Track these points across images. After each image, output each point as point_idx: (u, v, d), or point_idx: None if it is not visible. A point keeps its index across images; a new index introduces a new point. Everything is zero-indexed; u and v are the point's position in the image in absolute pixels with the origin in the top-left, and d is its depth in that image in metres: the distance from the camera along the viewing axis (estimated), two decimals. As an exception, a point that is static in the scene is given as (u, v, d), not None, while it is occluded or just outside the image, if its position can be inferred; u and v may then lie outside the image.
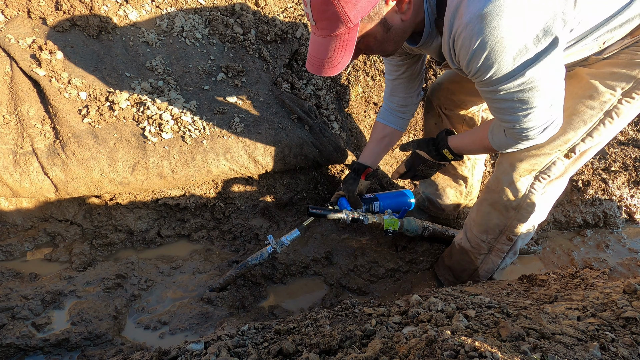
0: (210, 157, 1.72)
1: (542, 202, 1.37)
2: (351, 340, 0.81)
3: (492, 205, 1.42)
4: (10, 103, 1.58)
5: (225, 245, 1.81)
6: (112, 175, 1.60)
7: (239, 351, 0.82)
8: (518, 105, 1.05)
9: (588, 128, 1.21)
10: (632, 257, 1.81)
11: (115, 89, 1.70)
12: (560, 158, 1.27)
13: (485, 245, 1.48)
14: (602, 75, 1.17)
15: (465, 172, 1.84)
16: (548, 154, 1.27)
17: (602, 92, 1.17)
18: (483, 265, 1.51)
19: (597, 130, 1.21)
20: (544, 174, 1.31)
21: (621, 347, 0.74)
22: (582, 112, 1.20)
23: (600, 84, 1.17)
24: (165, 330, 1.41)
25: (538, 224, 1.45)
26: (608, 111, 1.18)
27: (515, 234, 1.42)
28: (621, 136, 2.29)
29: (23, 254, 1.63)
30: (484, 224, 1.46)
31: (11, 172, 1.51)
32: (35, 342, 1.26)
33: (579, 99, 1.21)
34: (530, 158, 1.30)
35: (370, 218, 1.63)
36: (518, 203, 1.36)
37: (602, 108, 1.18)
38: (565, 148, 1.25)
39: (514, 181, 1.34)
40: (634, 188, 2.04)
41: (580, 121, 1.21)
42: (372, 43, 1.11)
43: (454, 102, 1.66)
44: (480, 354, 0.66)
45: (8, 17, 1.68)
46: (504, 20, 0.89)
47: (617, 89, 1.15)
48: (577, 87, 1.22)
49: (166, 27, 1.90)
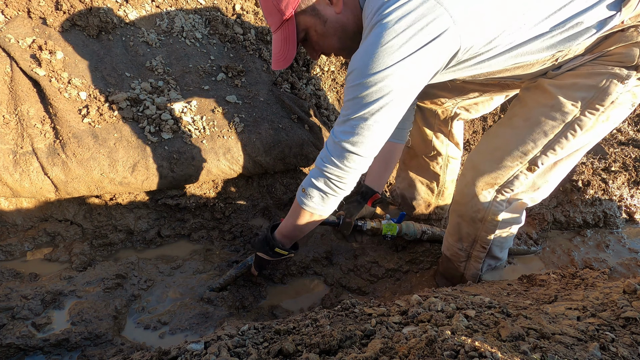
0: (210, 157, 1.72)
1: (509, 214, 1.36)
2: (351, 340, 0.81)
3: (461, 217, 1.42)
4: (10, 103, 1.58)
5: (225, 245, 1.81)
6: (112, 175, 1.60)
7: (239, 351, 0.82)
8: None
9: (549, 140, 1.19)
10: (632, 257, 1.81)
11: (115, 89, 1.70)
12: (523, 172, 1.26)
13: (463, 253, 1.47)
14: (564, 86, 1.16)
15: (437, 169, 1.80)
16: (509, 167, 1.26)
17: (563, 103, 1.15)
18: (467, 271, 1.50)
19: (559, 143, 1.19)
20: (506, 187, 1.29)
21: (621, 347, 0.74)
22: (542, 123, 1.19)
23: (562, 95, 1.15)
24: (165, 330, 1.41)
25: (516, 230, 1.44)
26: (570, 123, 1.16)
27: (487, 242, 1.41)
28: (621, 136, 2.29)
29: (23, 254, 1.63)
30: (456, 233, 1.46)
31: (11, 172, 1.51)
32: (35, 342, 1.26)
33: (540, 109, 1.19)
34: (491, 172, 1.29)
35: (369, 223, 1.65)
36: (483, 216, 1.35)
37: (564, 120, 1.16)
38: (526, 161, 1.24)
39: (477, 194, 1.33)
40: (634, 188, 2.04)
41: (541, 132, 1.19)
42: (315, 37, 1.17)
43: (427, 94, 1.61)
44: (480, 354, 0.66)
45: (8, 17, 1.68)
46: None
47: (579, 100, 1.13)
48: (539, 98, 1.21)
49: (166, 27, 1.90)
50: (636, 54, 1.06)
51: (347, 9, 1.13)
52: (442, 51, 0.98)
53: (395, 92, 1.00)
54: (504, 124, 1.30)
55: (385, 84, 0.99)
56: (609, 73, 1.09)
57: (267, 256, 1.43)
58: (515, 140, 1.24)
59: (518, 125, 1.24)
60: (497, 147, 1.29)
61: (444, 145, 1.73)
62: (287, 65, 1.20)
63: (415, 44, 0.95)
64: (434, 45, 0.96)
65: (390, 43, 0.95)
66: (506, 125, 1.29)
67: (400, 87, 1.00)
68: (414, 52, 0.96)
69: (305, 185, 1.22)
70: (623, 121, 2.32)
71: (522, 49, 1.07)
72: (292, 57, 1.17)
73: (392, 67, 0.97)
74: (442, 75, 1.13)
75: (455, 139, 1.73)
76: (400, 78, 0.99)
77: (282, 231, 1.38)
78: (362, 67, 1.00)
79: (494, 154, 1.29)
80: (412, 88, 1.03)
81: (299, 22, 1.13)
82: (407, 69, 0.98)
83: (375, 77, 0.99)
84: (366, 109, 1.03)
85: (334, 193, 1.19)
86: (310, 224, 1.31)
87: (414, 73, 0.99)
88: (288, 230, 1.36)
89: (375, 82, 0.99)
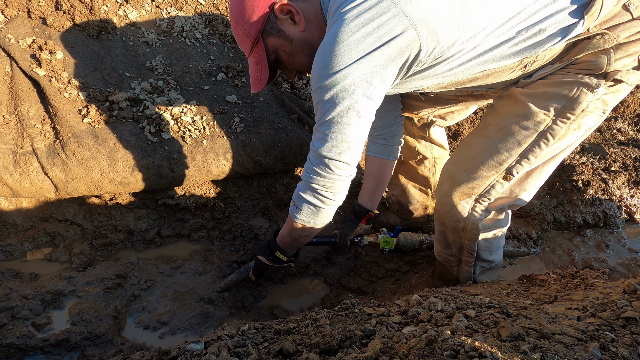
0: (210, 157, 1.72)
1: (490, 221, 1.36)
2: (351, 340, 0.81)
3: (443, 225, 1.42)
4: (10, 103, 1.58)
5: (225, 245, 1.81)
6: (112, 175, 1.60)
7: (239, 351, 0.82)
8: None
9: (522, 149, 1.20)
10: (632, 257, 1.81)
11: (115, 89, 1.70)
12: (499, 181, 1.26)
13: (453, 259, 1.47)
14: (535, 95, 1.16)
15: (426, 172, 1.80)
16: (485, 176, 1.26)
17: (535, 113, 1.15)
18: (460, 275, 1.50)
19: (533, 152, 1.19)
20: (484, 197, 1.30)
21: (621, 347, 0.74)
22: (516, 132, 1.19)
23: (533, 104, 1.16)
24: (165, 330, 1.41)
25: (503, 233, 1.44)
26: (542, 132, 1.16)
27: (472, 249, 1.41)
28: (621, 136, 2.29)
29: (23, 254, 1.63)
30: (443, 240, 1.46)
31: (11, 172, 1.51)
32: (35, 342, 1.26)
33: (513, 119, 1.20)
34: (468, 182, 1.29)
35: (366, 239, 1.66)
36: (464, 225, 1.35)
37: (537, 129, 1.16)
38: (501, 170, 1.24)
39: (455, 204, 1.33)
40: (634, 188, 2.04)
41: (515, 142, 1.20)
42: (285, 57, 1.19)
43: (404, 105, 1.62)
44: (480, 354, 0.66)
45: (8, 17, 1.68)
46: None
47: (551, 109, 1.13)
48: (512, 107, 1.21)
49: (166, 27, 1.90)
50: (604, 62, 1.06)
51: (311, 26, 1.13)
52: (401, 51, 0.96)
53: (359, 91, 0.98)
54: (478, 133, 1.31)
55: (347, 82, 0.97)
56: (579, 82, 1.09)
57: (267, 260, 1.42)
58: (489, 150, 1.25)
59: (492, 135, 1.25)
60: (471, 157, 1.29)
61: (428, 149, 1.74)
62: (263, 87, 1.21)
63: (372, 42, 0.94)
64: (393, 45, 0.95)
65: (347, 41, 0.94)
66: (480, 135, 1.30)
67: (362, 85, 0.98)
68: (373, 51, 0.95)
69: (294, 199, 1.21)
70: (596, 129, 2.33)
71: (488, 55, 1.06)
72: (265, 78, 1.19)
73: (351, 65, 0.95)
74: (411, 82, 1.12)
75: (438, 141, 1.73)
76: (362, 76, 0.97)
77: (280, 239, 1.38)
78: (321, 68, 0.99)
79: (469, 164, 1.29)
80: (376, 87, 1.00)
81: (267, 44, 1.15)
82: (367, 67, 0.96)
83: (335, 77, 0.97)
84: (333, 112, 1.01)
85: (324, 205, 1.17)
86: (306, 236, 1.31)
87: (374, 71, 0.97)
88: (285, 240, 1.36)
89: (336, 82, 0.98)
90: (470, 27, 1.00)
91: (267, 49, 1.16)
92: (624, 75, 1.07)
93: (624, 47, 1.06)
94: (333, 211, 1.22)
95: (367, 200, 1.64)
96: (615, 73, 1.07)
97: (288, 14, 1.11)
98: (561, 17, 1.03)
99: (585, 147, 2.14)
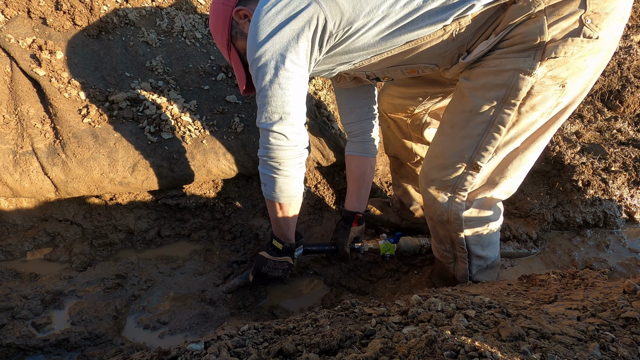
0: (210, 157, 1.72)
1: (475, 212, 1.36)
2: (351, 340, 0.81)
3: (432, 220, 1.44)
4: (10, 103, 1.58)
5: (225, 245, 1.81)
6: (112, 175, 1.60)
7: (239, 351, 0.82)
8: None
9: (478, 141, 1.22)
10: (632, 257, 1.81)
11: (115, 89, 1.70)
12: (468, 172, 1.27)
13: (449, 254, 1.47)
14: (477, 88, 1.18)
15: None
16: (452, 170, 1.29)
17: (479, 105, 1.18)
18: (456, 272, 1.49)
19: (489, 143, 1.21)
20: (458, 188, 1.31)
21: (621, 347, 0.74)
22: (466, 127, 1.22)
23: (476, 97, 1.18)
24: (165, 330, 1.41)
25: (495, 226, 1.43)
26: (491, 122, 1.18)
27: (461, 242, 1.41)
28: (621, 136, 2.29)
29: (23, 254, 1.63)
30: (436, 236, 1.47)
31: (11, 172, 1.51)
32: (35, 342, 1.26)
33: (461, 114, 1.24)
34: (439, 177, 1.32)
35: (366, 245, 1.66)
36: (447, 218, 1.36)
37: (485, 119, 1.19)
38: (464, 162, 1.26)
39: (435, 198, 1.35)
40: (634, 188, 2.04)
41: (467, 136, 1.23)
42: None
43: (395, 107, 1.65)
44: (480, 354, 0.66)
45: (8, 17, 1.68)
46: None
47: (493, 100, 1.15)
48: (459, 102, 1.25)
49: (166, 27, 1.90)
50: (536, 31, 1.04)
51: None
52: (306, 22, 1.06)
53: (276, 64, 1.09)
54: (438, 131, 1.36)
55: (267, 57, 1.08)
56: (514, 69, 1.10)
57: (267, 254, 1.43)
58: (448, 146, 1.29)
59: (447, 132, 1.29)
60: (437, 155, 1.34)
61: (425, 150, 1.74)
62: (248, 91, 1.30)
63: (282, 19, 1.06)
64: (299, 18, 1.05)
65: (262, 20, 1.07)
66: (439, 133, 1.34)
67: (278, 59, 1.08)
68: (284, 26, 1.06)
69: (261, 178, 1.30)
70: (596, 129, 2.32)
71: (402, 24, 1.09)
72: (244, 79, 1.27)
73: (268, 41, 1.07)
74: (337, 57, 1.19)
75: None
76: (278, 50, 1.07)
77: (272, 228, 1.42)
78: (248, 47, 1.12)
79: (436, 160, 1.34)
80: (293, 60, 1.09)
81: (238, 48, 1.26)
82: (281, 41, 1.07)
83: (257, 53, 1.09)
84: (260, 85, 1.12)
85: (275, 174, 1.24)
86: (285, 216, 1.34)
87: (287, 45, 1.07)
88: (273, 226, 1.40)
89: (258, 58, 1.09)
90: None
91: (239, 52, 1.27)
92: (560, 50, 1.04)
93: (557, 8, 1.03)
94: (291, 182, 1.26)
95: (353, 202, 1.65)
96: (553, 46, 1.04)
97: (245, 18, 1.22)
98: None
99: (585, 147, 2.14)
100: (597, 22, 1.03)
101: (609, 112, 2.41)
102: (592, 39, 1.04)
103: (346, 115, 1.60)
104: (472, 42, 1.16)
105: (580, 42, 1.04)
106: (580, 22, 1.03)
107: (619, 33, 1.10)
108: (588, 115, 2.36)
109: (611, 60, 2.45)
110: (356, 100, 1.55)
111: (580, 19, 1.03)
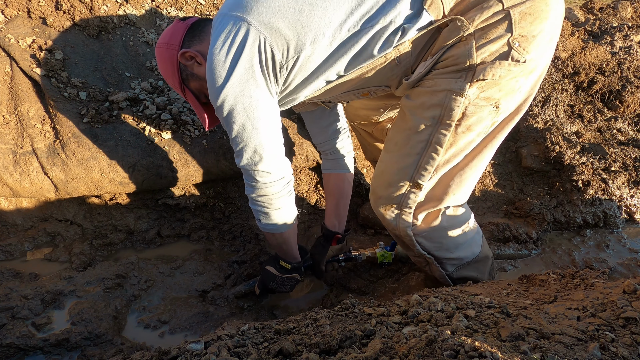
0: (210, 157, 1.72)
1: (423, 226, 1.33)
2: (351, 340, 0.81)
3: (389, 231, 1.43)
4: (10, 103, 1.58)
5: (225, 245, 1.81)
6: (112, 175, 1.60)
7: (239, 351, 0.82)
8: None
9: (418, 159, 1.22)
10: (632, 257, 1.81)
11: (115, 89, 1.70)
12: (411, 190, 1.27)
13: (420, 259, 1.44)
14: (416, 107, 1.19)
15: None
16: (397, 187, 1.28)
17: (417, 125, 1.19)
18: (433, 273, 1.46)
19: (428, 162, 1.21)
20: (403, 206, 1.31)
21: (621, 347, 0.74)
22: (407, 145, 1.23)
23: (415, 116, 1.19)
24: (165, 330, 1.41)
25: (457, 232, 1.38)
26: (429, 141, 1.19)
27: (421, 252, 1.38)
28: (621, 136, 2.28)
29: (23, 254, 1.63)
30: (402, 244, 1.46)
31: (11, 172, 1.51)
32: (35, 342, 1.26)
33: (403, 132, 1.24)
34: (385, 194, 1.32)
35: (364, 254, 1.64)
36: (398, 232, 1.36)
37: (423, 138, 1.19)
38: (407, 180, 1.26)
39: (384, 215, 1.35)
40: (634, 188, 2.03)
41: (408, 154, 1.23)
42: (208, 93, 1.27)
43: (361, 117, 1.67)
44: (480, 354, 0.66)
45: (8, 17, 1.68)
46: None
47: (429, 119, 1.16)
48: (402, 121, 1.25)
49: (166, 27, 1.90)
50: (465, 53, 1.06)
51: None
52: (252, 51, 1.05)
53: (243, 106, 1.08)
54: (384, 148, 1.36)
55: (231, 102, 1.08)
56: (446, 89, 1.11)
57: (274, 270, 1.43)
58: (392, 163, 1.29)
59: (391, 150, 1.30)
60: (382, 171, 1.34)
61: None
62: (210, 125, 1.29)
63: (231, 57, 1.05)
64: (246, 51, 1.04)
65: (215, 64, 1.06)
66: (385, 150, 1.34)
67: (244, 100, 1.07)
68: (235, 64, 1.05)
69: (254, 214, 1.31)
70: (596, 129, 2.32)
71: (346, 49, 1.09)
72: (204, 117, 1.26)
73: (226, 85, 1.06)
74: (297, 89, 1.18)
75: None
76: (239, 93, 1.07)
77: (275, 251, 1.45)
78: (211, 94, 1.10)
79: (382, 178, 1.34)
80: (257, 96, 1.09)
81: (192, 88, 1.25)
82: (239, 82, 1.06)
83: (219, 98, 1.08)
84: (233, 130, 1.12)
85: (268, 211, 1.25)
86: (284, 241, 1.36)
87: (246, 82, 1.06)
88: (275, 249, 1.42)
89: (222, 103, 1.08)
90: (314, 25, 1.05)
91: (194, 92, 1.26)
92: (488, 73, 1.05)
93: (485, 32, 1.04)
94: (286, 212, 1.27)
95: (332, 221, 1.64)
96: (482, 68, 1.06)
97: (192, 59, 1.19)
98: (402, 6, 1.05)
99: (585, 147, 2.14)
100: (525, 45, 1.05)
101: (609, 112, 2.41)
102: (520, 62, 1.06)
103: (316, 136, 1.61)
104: (416, 64, 1.17)
105: (507, 66, 1.06)
106: (509, 45, 1.05)
107: (550, 52, 1.12)
108: (588, 115, 2.36)
109: (611, 60, 2.45)
110: (322, 120, 1.55)
111: (508, 42, 1.04)
